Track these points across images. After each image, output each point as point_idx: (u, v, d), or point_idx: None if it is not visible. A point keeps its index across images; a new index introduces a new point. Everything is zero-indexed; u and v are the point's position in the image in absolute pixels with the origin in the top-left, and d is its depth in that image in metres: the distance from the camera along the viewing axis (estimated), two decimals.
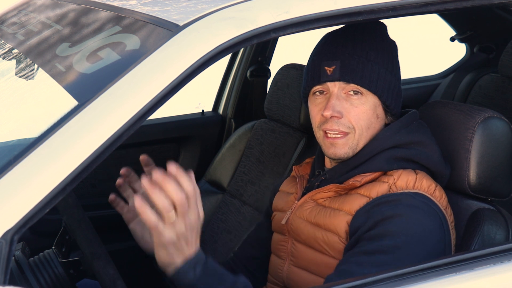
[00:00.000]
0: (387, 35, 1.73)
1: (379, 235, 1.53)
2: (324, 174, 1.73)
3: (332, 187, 1.68)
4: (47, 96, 1.77)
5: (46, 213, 1.23)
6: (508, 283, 1.46)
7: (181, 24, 1.39)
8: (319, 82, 1.66)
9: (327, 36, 1.73)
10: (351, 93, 1.64)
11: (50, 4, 1.90)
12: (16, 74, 1.91)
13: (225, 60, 3.38)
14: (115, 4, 1.66)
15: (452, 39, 3.67)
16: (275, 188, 1.94)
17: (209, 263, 1.40)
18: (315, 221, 1.67)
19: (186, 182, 1.33)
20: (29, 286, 1.49)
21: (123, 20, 1.53)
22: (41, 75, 1.58)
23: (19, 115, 1.95)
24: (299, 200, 1.75)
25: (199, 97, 4.76)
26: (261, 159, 2.69)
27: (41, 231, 2.43)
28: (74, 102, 1.33)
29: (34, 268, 1.54)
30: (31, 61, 1.75)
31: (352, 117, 1.64)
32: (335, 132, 1.64)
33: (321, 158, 1.79)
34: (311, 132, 1.79)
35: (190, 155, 3.17)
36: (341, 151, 1.65)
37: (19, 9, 2.01)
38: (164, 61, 1.34)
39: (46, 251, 1.60)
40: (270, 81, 2.88)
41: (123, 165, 1.64)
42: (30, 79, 1.86)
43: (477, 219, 1.68)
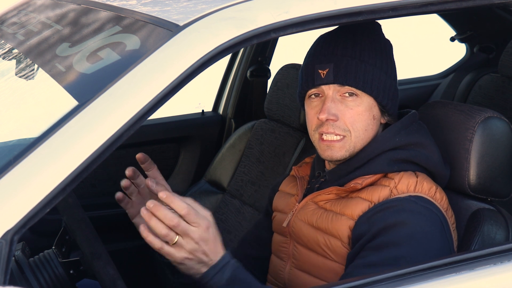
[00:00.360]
0: (381, 35, 1.72)
1: (383, 245, 1.53)
2: (324, 176, 1.73)
3: (333, 190, 1.67)
4: (47, 96, 1.77)
5: (46, 213, 1.23)
6: (508, 283, 1.46)
7: (181, 24, 1.39)
8: (314, 85, 1.66)
9: (320, 38, 1.72)
10: (346, 95, 1.64)
11: (50, 4, 1.90)
12: (16, 74, 1.91)
13: (225, 60, 3.38)
14: (115, 4, 1.66)
15: (452, 39, 3.67)
16: (274, 187, 1.93)
17: (237, 269, 1.43)
18: (316, 225, 1.67)
19: (176, 203, 1.37)
20: (29, 286, 1.49)
21: (123, 20, 1.53)
22: (41, 75, 1.58)
23: (19, 115, 1.95)
24: (300, 202, 1.75)
25: (199, 97, 4.76)
26: (261, 159, 2.69)
27: (41, 231, 2.43)
28: (74, 102, 1.33)
29: (34, 268, 1.54)
30: (31, 61, 1.75)
31: (347, 119, 1.63)
32: (331, 135, 1.64)
33: (321, 159, 1.78)
34: None
35: (190, 155, 3.16)
36: (337, 154, 1.65)
37: (19, 9, 2.01)
38: (164, 61, 1.34)
39: (46, 251, 1.60)
40: (270, 81, 2.88)
41: (123, 165, 1.64)
42: (30, 79, 1.86)
43: (477, 219, 1.68)
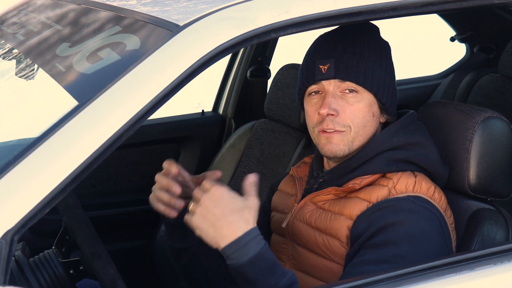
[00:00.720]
0: (380, 36, 1.73)
1: (382, 244, 1.53)
2: (322, 176, 1.73)
3: (332, 190, 1.67)
4: (47, 96, 1.77)
5: (46, 213, 1.23)
6: (508, 283, 1.46)
7: (181, 24, 1.39)
8: (314, 81, 1.66)
9: (321, 36, 1.73)
10: (347, 91, 1.64)
11: (50, 4, 1.90)
12: (16, 74, 1.91)
13: (225, 60, 3.37)
14: (115, 4, 1.66)
15: (452, 39, 3.67)
16: (273, 185, 1.93)
17: (264, 249, 1.43)
18: (315, 225, 1.67)
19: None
20: (29, 286, 1.49)
21: (123, 20, 1.53)
22: (41, 75, 1.58)
23: (19, 115, 1.95)
24: (298, 203, 1.75)
25: (199, 97, 4.76)
26: (261, 159, 2.69)
27: (41, 231, 2.43)
28: (74, 102, 1.33)
29: (34, 268, 1.54)
30: (31, 61, 1.75)
31: (347, 115, 1.63)
32: (331, 131, 1.64)
33: (320, 159, 1.78)
34: None
35: (190, 155, 3.16)
36: (337, 147, 1.65)
37: (19, 9, 2.01)
38: (164, 61, 1.34)
39: (46, 251, 1.60)
40: (270, 81, 2.88)
41: (123, 165, 1.65)
42: (30, 79, 1.86)
43: (477, 219, 1.68)
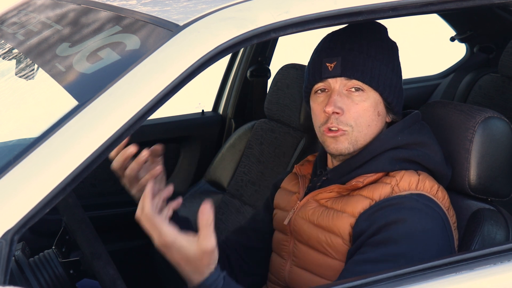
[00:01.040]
0: (387, 36, 1.73)
1: (383, 242, 1.53)
2: (326, 174, 1.73)
3: (335, 188, 1.67)
4: (47, 96, 1.77)
5: (46, 213, 1.23)
6: (508, 283, 1.46)
7: (181, 24, 1.39)
8: (321, 79, 1.66)
9: (328, 35, 1.73)
10: (353, 89, 1.64)
11: (50, 4, 1.90)
12: (16, 74, 1.91)
13: (225, 60, 3.38)
14: (115, 4, 1.66)
15: (452, 39, 3.67)
16: (276, 183, 1.93)
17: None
18: (317, 223, 1.67)
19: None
20: (29, 286, 1.49)
21: (123, 20, 1.53)
22: (41, 75, 1.58)
23: (19, 115, 1.95)
24: (301, 200, 1.75)
25: (199, 97, 4.76)
26: (261, 159, 2.69)
27: (41, 231, 2.43)
28: (74, 102, 1.33)
29: (34, 268, 1.54)
30: (31, 61, 1.75)
31: (352, 114, 1.63)
32: (335, 129, 1.64)
33: (324, 158, 1.79)
34: (311, 132, 1.78)
35: (190, 155, 3.16)
36: (342, 145, 1.65)
37: (19, 9, 2.01)
38: (164, 61, 1.34)
39: (46, 251, 1.60)
40: (270, 81, 2.88)
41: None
42: (30, 79, 1.86)
43: (477, 219, 1.68)
